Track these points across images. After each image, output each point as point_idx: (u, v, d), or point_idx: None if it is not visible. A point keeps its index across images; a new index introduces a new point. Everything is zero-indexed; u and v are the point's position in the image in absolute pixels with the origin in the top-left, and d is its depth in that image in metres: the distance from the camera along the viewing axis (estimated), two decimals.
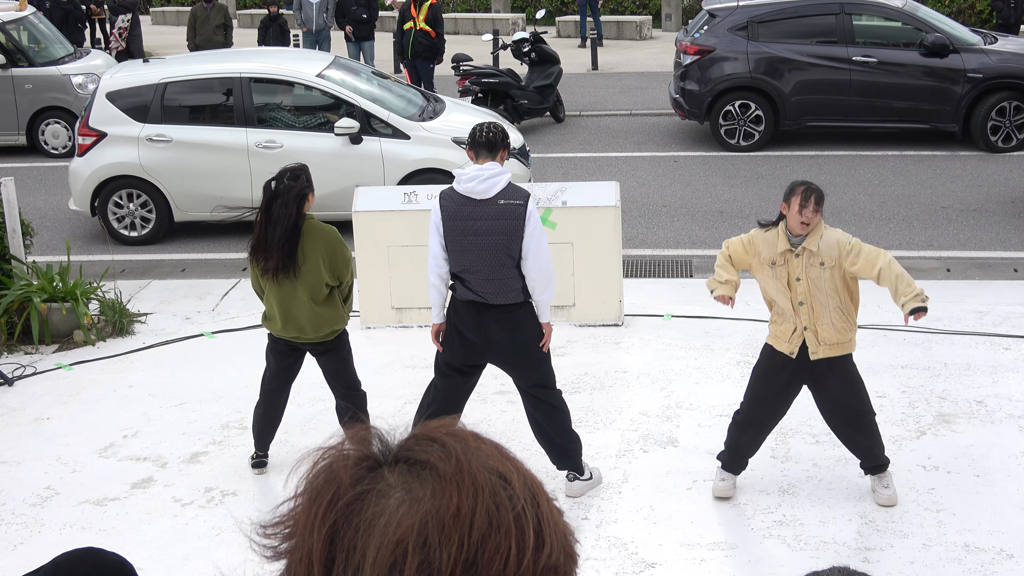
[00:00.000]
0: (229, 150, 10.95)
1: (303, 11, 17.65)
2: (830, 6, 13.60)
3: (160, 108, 11.07)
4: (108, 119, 11.09)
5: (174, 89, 11.16)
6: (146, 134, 11.00)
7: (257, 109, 11.08)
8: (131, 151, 11.00)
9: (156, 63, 11.78)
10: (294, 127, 11.09)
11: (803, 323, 5.78)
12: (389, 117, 10.95)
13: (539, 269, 5.90)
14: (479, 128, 6.05)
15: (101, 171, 11.07)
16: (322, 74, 11.21)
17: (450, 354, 6.08)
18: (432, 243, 5.96)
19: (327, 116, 11.09)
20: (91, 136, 11.11)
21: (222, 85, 11.23)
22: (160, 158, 10.93)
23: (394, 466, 1.12)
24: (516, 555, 1.07)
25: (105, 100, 11.14)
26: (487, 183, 5.83)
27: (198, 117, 11.22)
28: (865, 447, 5.99)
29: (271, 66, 11.41)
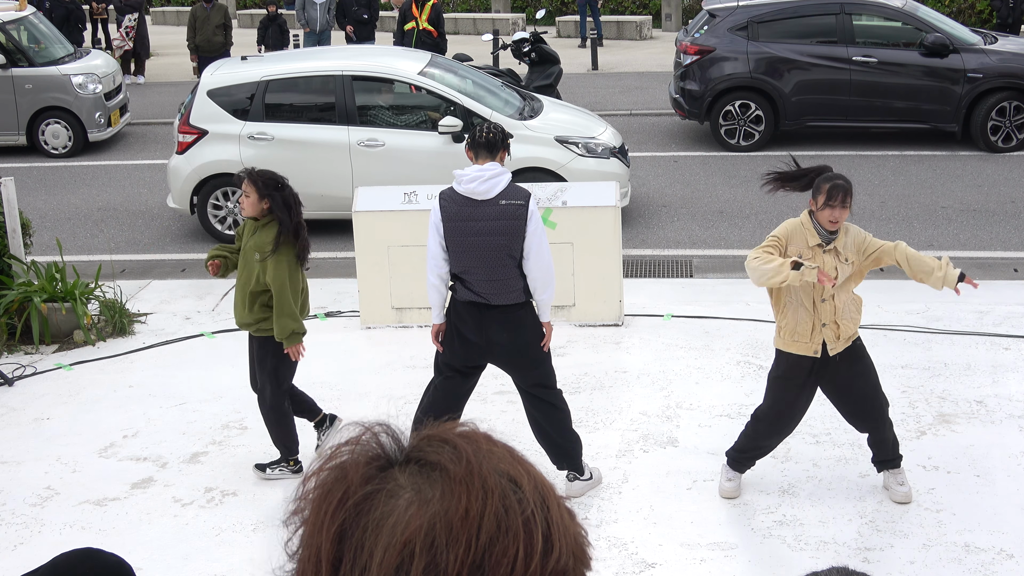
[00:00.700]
0: (331, 148, 10.82)
1: (307, 11, 17.65)
2: (830, 6, 13.60)
3: (262, 106, 10.96)
4: (209, 116, 10.97)
5: (276, 87, 11.04)
6: (247, 132, 10.90)
7: (359, 107, 10.96)
8: (232, 149, 10.90)
9: (255, 61, 11.66)
10: (396, 125, 10.95)
11: (823, 320, 5.77)
12: (492, 116, 10.79)
13: (540, 269, 5.90)
14: (479, 128, 6.05)
15: (201, 169, 10.95)
16: (423, 72, 11.09)
17: (450, 354, 6.07)
18: (432, 243, 5.96)
19: (428, 114, 10.98)
20: (192, 134, 10.98)
21: (324, 83, 11.11)
22: (261, 156, 10.72)
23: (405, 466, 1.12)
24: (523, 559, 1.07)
25: (206, 97, 11.00)
26: (488, 184, 5.83)
27: (299, 115, 11.11)
28: (879, 439, 5.99)
29: (373, 64, 11.27)
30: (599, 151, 10.94)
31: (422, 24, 15.64)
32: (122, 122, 15.71)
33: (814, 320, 5.78)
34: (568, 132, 11.02)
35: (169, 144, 15.55)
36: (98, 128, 14.96)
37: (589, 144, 10.93)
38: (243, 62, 11.59)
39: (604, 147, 10.99)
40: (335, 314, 9.13)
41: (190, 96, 11.33)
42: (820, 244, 5.73)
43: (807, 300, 5.78)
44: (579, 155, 10.82)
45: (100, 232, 11.78)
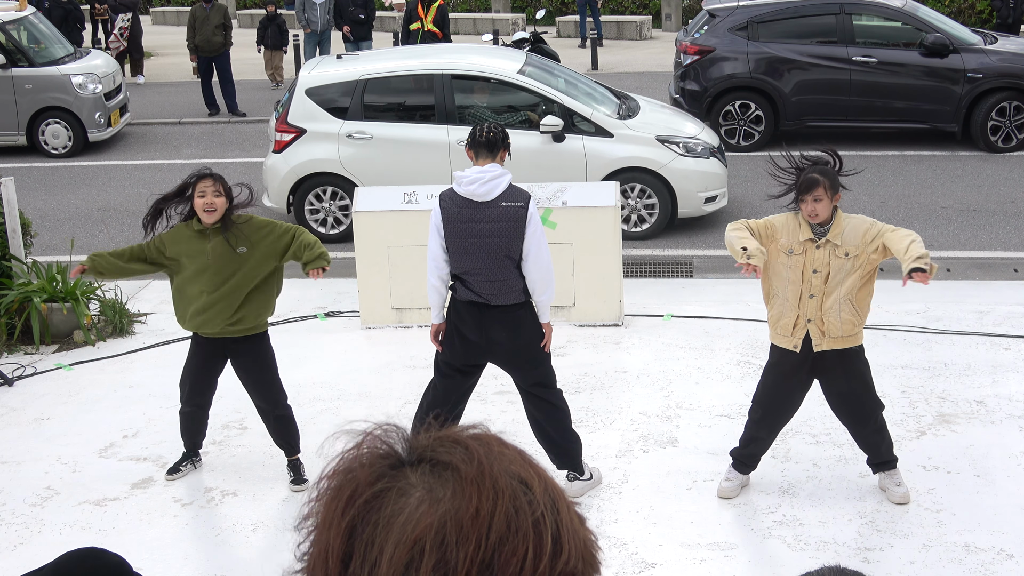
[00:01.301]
0: (430, 147, 10.74)
1: (307, 12, 17.65)
2: (830, 6, 13.60)
3: (360, 104, 10.90)
4: (308, 115, 10.89)
5: (374, 86, 10.98)
6: (346, 131, 10.82)
7: (458, 106, 10.89)
8: (331, 148, 10.83)
9: (350, 59, 11.59)
10: None
11: (807, 315, 5.75)
12: (592, 115, 10.72)
13: (540, 270, 5.90)
14: (479, 128, 6.05)
15: (299, 168, 10.89)
16: (523, 71, 11.03)
17: (450, 354, 6.08)
18: (432, 244, 5.96)
19: (528, 114, 10.91)
20: (290, 132, 10.90)
21: (423, 82, 11.06)
22: (360, 155, 10.73)
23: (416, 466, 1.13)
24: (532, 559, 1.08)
25: (305, 96, 10.93)
26: (488, 185, 5.83)
27: (398, 114, 11.04)
28: (872, 442, 5.99)
29: (472, 62, 11.22)
30: (699, 150, 10.84)
31: (427, 25, 15.64)
32: (122, 122, 15.72)
33: (798, 314, 5.77)
34: (668, 131, 10.92)
35: (170, 144, 15.57)
36: (98, 128, 14.96)
37: (689, 144, 10.83)
38: (339, 60, 11.47)
39: (704, 146, 10.91)
40: (335, 314, 9.13)
41: (287, 94, 11.21)
42: (812, 239, 5.72)
43: (793, 295, 5.76)
44: (680, 155, 10.73)
45: (100, 232, 11.77)
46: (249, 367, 6.31)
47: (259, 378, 6.32)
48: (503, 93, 11.09)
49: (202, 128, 16.49)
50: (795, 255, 5.73)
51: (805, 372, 5.91)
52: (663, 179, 10.68)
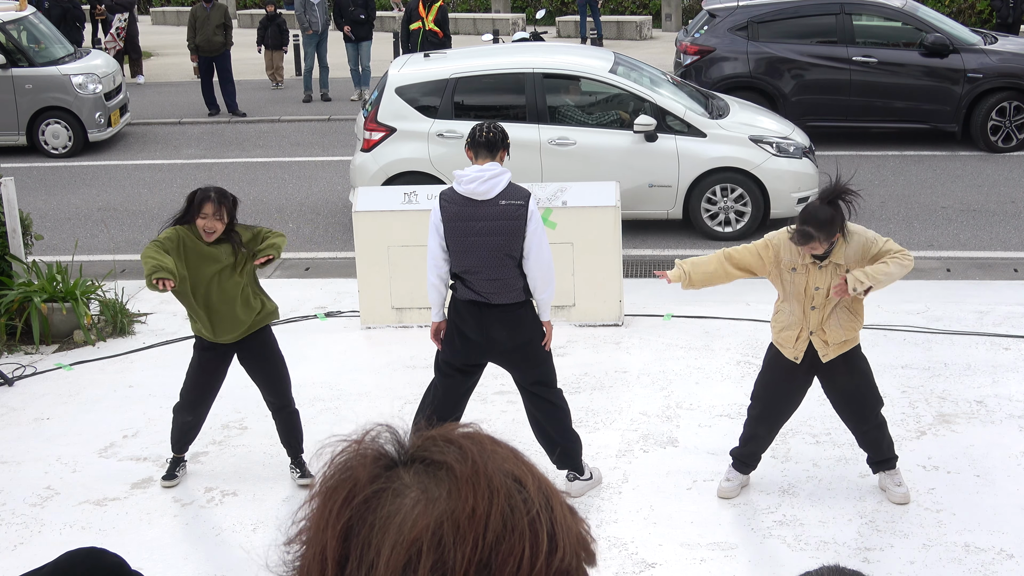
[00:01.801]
0: (521, 147, 10.54)
1: (307, 13, 17.66)
2: (830, 6, 13.60)
3: (451, 103, 10.80)
4: (397, 114, 10.79)
5: (464, 84, 10.89)
6: (436, 130, 10.70)
7: (549, 105, 10.79)
8: (421, 147, 10.71)
9: (438, 58, 11.49)
10: (587, 124, 10.74)
11: (811, 327, 5.77)
12: (686, 115, 10.60)
13: (540, 268, 5.91)
14: (479, 128, 6.05)
15: (389, 167, 10.75)
16: (614, 69, 10.93)
17: (451, 353, 6.08)
18: (432, 244, 5.97)
19: (619, 113, 10.79)
20: (379, 131, 10.79)
21: (514, 81, 10.93)
22: (450, 154, 10.50)
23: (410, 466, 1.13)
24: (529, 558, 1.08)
25: (394, 95, 10.84)
26: (488, 184, 5.84)
27: (488, 113, 10.93)
28: (872, 439, 5.99)
29: (563, 61, 11.10)
30: (791, 151, 10.76)
31: (428, 25, 15.65)
32: (122, 122, 15.72)
33: (801, 327, 5.79)
34: (761, 131, 10.83)
35: (170, 144, 15.57)
36: (98, 128, 14.96)
37: (782, 144, 10.75)
38: (427, 59, 11.39)
39: (796, 147, 10.82)
40: (335, 314, 9.13)
41: (375, 93, 11.14)
42: (815, 261, 5.72)
43: (797, 307, 5.78)
44: (773, 155, 10.64)
45: (100, 232, 11.77)
46: (259, 363, 6.34)
47: (270, 372, 6.36)
48: (594, 92, 10.96)
49: (202, 128, 16.50)
50: (798, 274, 5.74)
51: (805, 370, 5.92)
52: (756, 179, 10.57)
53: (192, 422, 6.48)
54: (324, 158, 14.50)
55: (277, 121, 16.68)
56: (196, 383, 6.39)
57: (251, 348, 6.31)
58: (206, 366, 6.35)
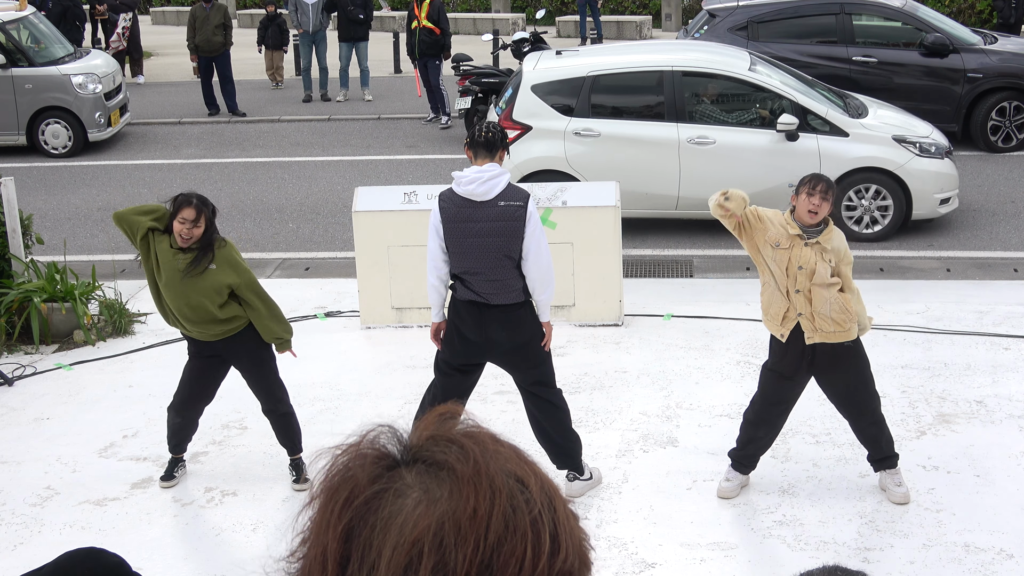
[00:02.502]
0: (659, 146, 10.50)
1: (299, 14, 17.64)
2: (830, 6, 13.60)
3: (588, 101, 10.67)
4: (533, 112, 10.69)
5: (602, 82, 10.74)
6: (573, 128, 10.60)
7: (688, 104, 10.63)
8: (556, 145, 10.62)
9: (571, 55, 11.38)
10: (726, 123, 10.59)
11: (797, 309, 5.79)
12: (827, 114, 10.43)
13: (539, 269, 5.91)
14: (478, 128, 6.04)
15: (523, 165, 10.63)
16: (752, 67, 10.78)
17: (450, 353, 6.09)
18: (431, 244, 5.97)
19: (759, 112, 10.64)
20: (515, 129, 10.62)
21: (652, 78, 10.78)
22: (587, 153, 10.50)
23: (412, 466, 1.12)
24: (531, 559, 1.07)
25: (530, 92, 10.73)
26: (487, 185, 5.83)
27: (626, 111, 10.81)
28: (871, 435, 6.00)
29: (702, 59, 10.92)
30: (933, 151, 10.60)
31: (422, 21, 15.65)
32: (122, 122, 15.72)
33: (788, 307, 5.82)
34: (904, 131, 10.67)
35: (170, 144, 15.57)
36: (98, 128, 14.96)
37: (923, 143, 10.59)
38: (559, 56, 11.27)
39: (938, 147, 10.67)
40: (335, 314, 9.13)
41: (509, 91, 11.04)
42: (800, 235, 5.76)
43: (780, 287, 5.82)
44: (915, 155, 10.47)
45: (100, 232, 11.77)
46: (249, 368, 6.32)
47: (260, 377, 6.33)
48: (734, 91, 10.78)
49: (202, 128, 16.50)
50: (781, 249, 5.77)
51: (803, 371, 5.92)
52: (898, 180, 10.42)
53: (181, 423, 6.46)
54: (324, 158, 14.50)
55: (277, 121, 16.68)
56: (185, 385, 6.40)
57: (236, 353, 6.28)
58: (195, 369, 6.36)
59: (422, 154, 14.45)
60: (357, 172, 13.69)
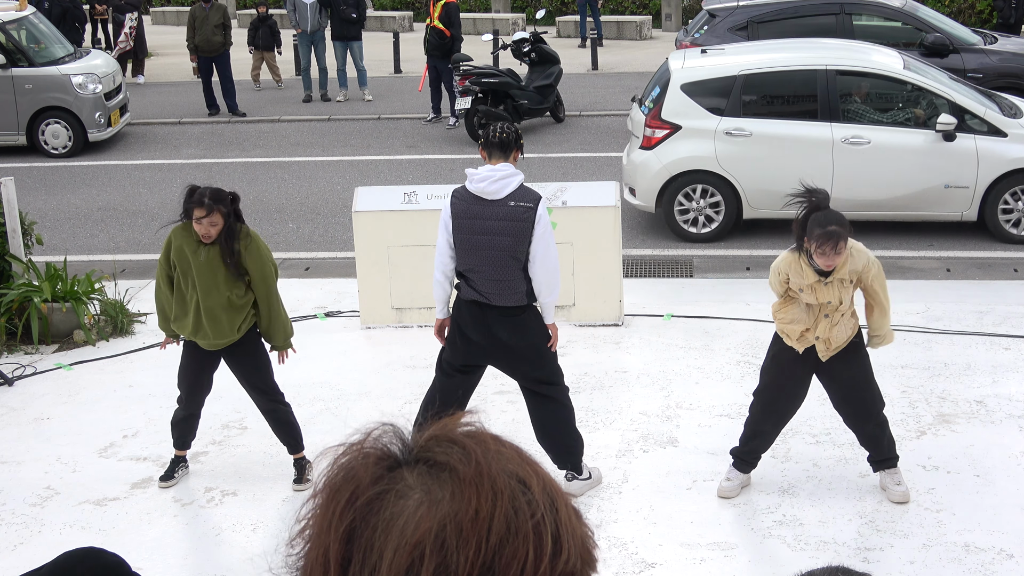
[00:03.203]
0: (812, 145, 10.34)
1: (298, 12, 17.64)
2: (830, 6, 13.60)
3: (739, 101, 10.54)
4: (683, 111, 10.56)
5: (752, 81, 10.62)
6: (723, 127, 10.46)
7: (842, 103, 10.45)
8: (707, 145, 10.48)
9: (716, 53, 11.27)
10: (881, 122, 10.41)
11: (817, 332, 5.81)
12: (986, 114, 10.23)
13: (546, 272, 5.92)
14: (493, 128, 6.04)
15: (673, 165, 10.55)
16: (907, 67, 10.64)
17: (452, 353, 6.09)
18: (440, 240, 5.97)
19: (913, 111, 10.47)
20: (664, 128, 10.56)
21: (804, 77, 10.60)
22: (737, 153, 10.39)
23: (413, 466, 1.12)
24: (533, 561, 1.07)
25: (680, 92, 10.60)
26: (499, 184, 5.83)
27: (778, 110, 10.66)
28: (873, 436, 6.00)
29: (856, 58, 10.79)
30: None
31: (433, 22, 15.67)
32: (122, 122, 15.72)
33: (808, 328, 5.82)
34: None
35: (170, 144, 15.57)
36: (98, 128, 14.96)
37: None
38: (704, 55, 11.15)
39: None
40: (335, 314, 9.13)
41: (657, 90, 10.88)
42: (819, 280, 5.74)
43: (810, 315, 5.81)
44: None
45: (100, 232, 11.78)
46: (243, 368, 6.34)
47: (254, 377, 6.35)
48: (888, 90, 10.63)
49: (202, 128, 16.50)
50: (805, 293, 5.77)
51: (810, 366, 5.93)
52: None
53: (185, 416, 6.48)
54: (324, 158, 14.50)
55: (277, 121, 16.68)
56: (184, 378, 6.42)
57: (234, 354, 6.32)
58: (191, 363, 6.39)
59: (422, 154, 14.45)
60: (357, 172, 13.69)
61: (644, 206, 10.90)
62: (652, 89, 11.10)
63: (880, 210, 10.43)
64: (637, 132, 10.94)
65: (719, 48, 11.71)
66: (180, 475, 6.60)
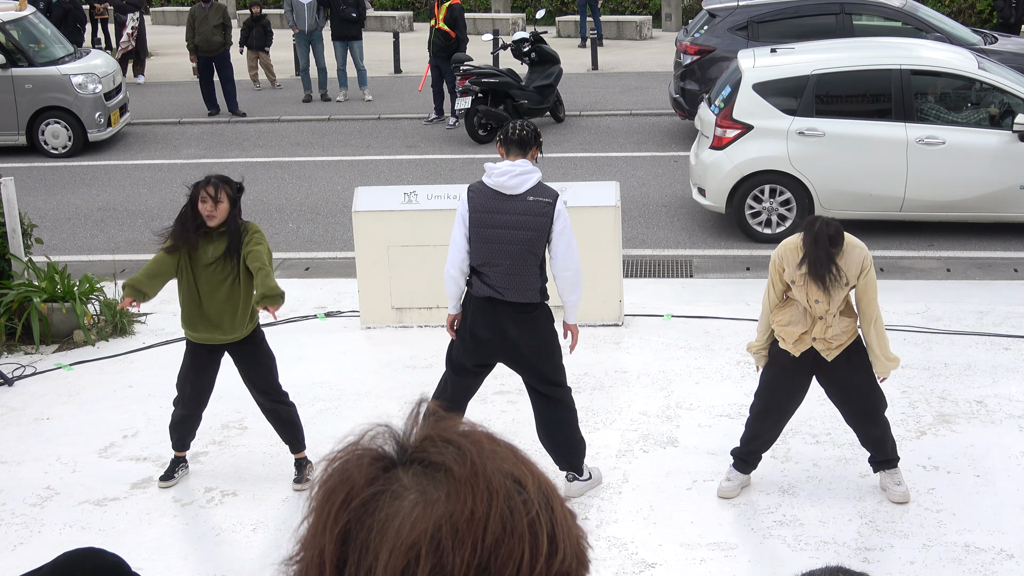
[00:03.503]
0: (886, 146, 10.23)
1: (295, 12, 17.63)
2: (830, 6, 13.60)
3: (812, 100, 10.44)
4: (755, 111, 10.47)
5: (826, 80, 10.50)
6: (796, 127, 10.36)
7: (917, 103, 10.37)
8: (779, 145, 10.39)
9: (786, 52, 11.18)
10: (956, 123, 10.30)
11: (814, 333, 5.80)
12: None
13: (569, 269, 5.93)
14: (512, 126, 6.06)
15: (744, 165, 10.47)
16: (981, 66, 10.57)
17: (462, 352, 6.10)
18: (456, 234, 5.96)
19: (988, 111, 10.37)
20: (735, 128, 10.49)
21: (879, 77, 10.47)
22: (810, 153, 10.32)
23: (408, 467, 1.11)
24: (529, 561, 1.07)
25: (751, 91, 10.52)
26: (518, 179, 5.84)
27: (851, 110, 10.54)
28: (876, 438, 6.00)
29: (932, 57, 10.72)
30: None
31: (439, 24, 15.67)
32: (122, 122, 15.72)
33: (806, 330, 5.81)
34: None
35: (170, 144, 15.57)
36: (98, 128, 14.96)
37: None
38: (774, 54, 11.07)
39: None
40: (335, 314, 9.13)
41: (727, 89, 10.80)
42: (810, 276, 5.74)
43: (807, 318, 5.81)
44: None
45: (100, 232, 11.78)
46: (247, 365, 6.34)
47: (258, 375, 6.35)
48: (963, 89, 10.58)
49: (202, 128, 16.50)
50: (797, 286, 5.76)
51: (809, 367, 5.93)
52: None
53: (186, 416, 6.47)
54: (324, 158, 14.50)
55: (277, 121, 16.68)
56: (187, 379, 6.41)
57: (239, 351, 6.33)
58: (195, 364, 6.37)
59: (422, 154, 14.44)
60: (357, 172, 13.69)
61: (714, 206, 10.81)
62: (722, 88, 11.01)
63: (954, 211, 10.37)
64: (707, 132, 10.85)
65: (789, 47, 11.59)
66: (180, 475, 6.60)
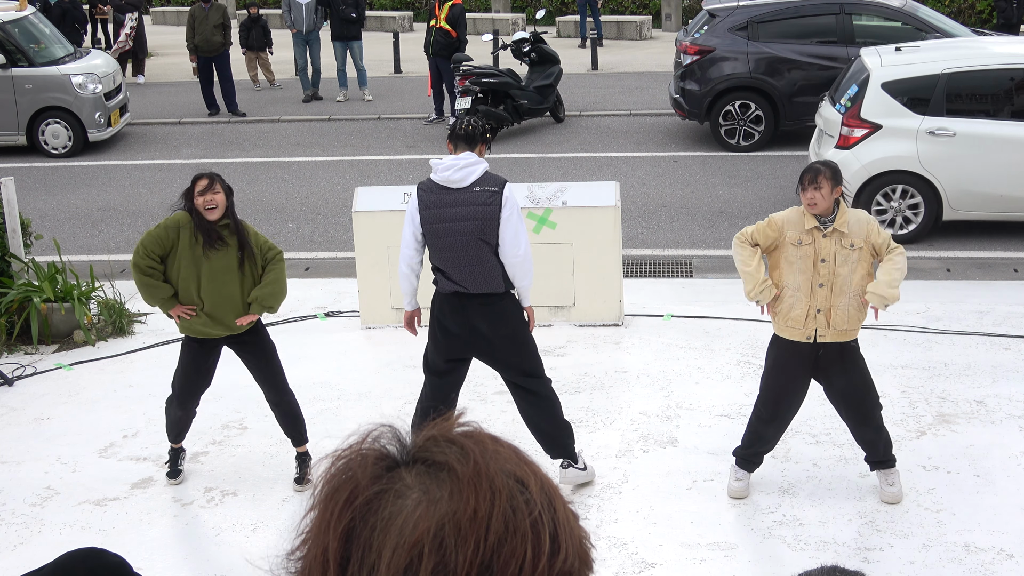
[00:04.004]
0: (1020, 146, 10.11)
1: (292, 13, 17.63)
2: (830, 6, 13.60)
3: (943, 99, 10.27)
4: (884, 110, 10.33)
5: (957, 80, 10.32)
6: (926, 127, 10.20)
7: None
8: (908, 145, 10.23)
9: (911, 50, 11.02)
10: None
11: (817, 305, 5.78)
12: None
13: (516, 256, 5.91)
14: (459, 121, 6.09)
15: (873, 165, 10.34)
16: None
17: (434, 350, 6.12)
18: (406, 232, 6.01)
19: None
20: (863, 128, 10.36)
21: (1011, 76, 10.35)
22: (940, 153, 10.17)
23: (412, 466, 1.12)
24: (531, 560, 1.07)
25: (880, 90, 10.38)
26: (463, 172, 5.87)
27: (983, 109, 10.37)
28: (869, 439, 6.00)
29: None
30: None
31: (440, 23, 15.66)
32: (122, 122, 15.72)
33: (809, 306, 5.80)
34: None
35: (170, 144, 15.57)
36: (98, 128, 14.97)
37: None
38: (899, 53, 10.90)
39: None
40: (335, 314, 9.13)
41: (854, 88, 10.67)
42: (818, 227, 5.76)
43: (804, 284, 5.80)
44: None
45: (100, 232, 11.78)
46: (254, 358, 6.36)
47: (266, 369, 6.37)
48: None
49: (202, 128, 16.50)
50: (804, 245, 5.78)
51: (807, 369, 5.93)
52: None
53: (183, 415, 6.49)
54: (324, 158, 14.50)
55: (277, 121, 16.68)
56: (186, 378, 6.40)
57: (244, 344, 6.34)
58: (195, 362, 6.37)
59: (422, 154, 14.44)
60: (357, 172, 13.70)
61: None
62: (848, 87, 10.89)
63: None
64: (830, 131, 10.76)
65: (913, 45, 11.47)
66: (183, 464, 6.61)
